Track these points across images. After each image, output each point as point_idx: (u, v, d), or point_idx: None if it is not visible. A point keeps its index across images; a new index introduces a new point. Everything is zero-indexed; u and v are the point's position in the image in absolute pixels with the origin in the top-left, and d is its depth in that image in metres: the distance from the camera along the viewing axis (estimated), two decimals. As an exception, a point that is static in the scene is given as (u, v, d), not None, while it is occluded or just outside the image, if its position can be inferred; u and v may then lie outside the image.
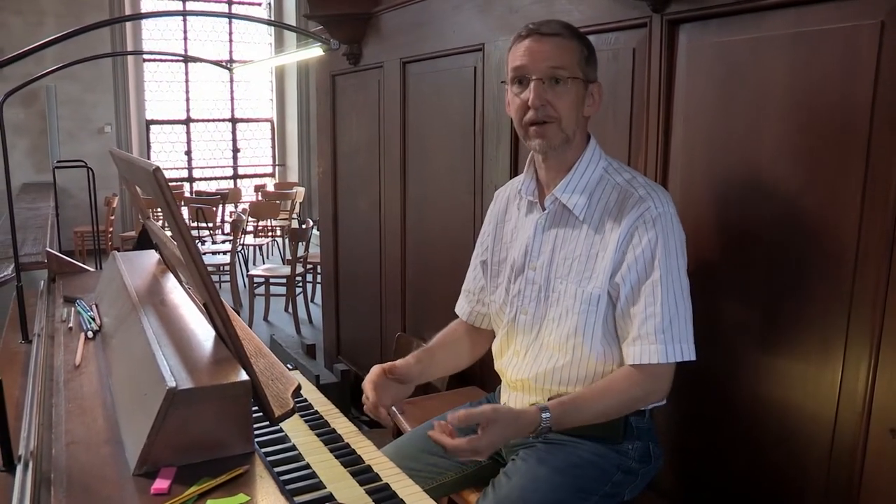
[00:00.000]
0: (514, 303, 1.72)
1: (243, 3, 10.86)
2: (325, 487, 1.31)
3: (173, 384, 1.13)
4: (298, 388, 1.34)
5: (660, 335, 1.50)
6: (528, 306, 1.68)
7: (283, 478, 1.31)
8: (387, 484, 1.37)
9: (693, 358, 1.53)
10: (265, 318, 6.18)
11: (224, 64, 7.00)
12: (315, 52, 3.51)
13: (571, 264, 1.61)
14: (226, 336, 1.29)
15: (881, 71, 1.43)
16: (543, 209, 1.68)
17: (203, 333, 1.44)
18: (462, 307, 1.96)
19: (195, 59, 10.34)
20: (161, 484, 1.08)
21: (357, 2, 3.34)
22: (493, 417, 1.43)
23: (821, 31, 1.53)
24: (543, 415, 1.46)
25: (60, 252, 2.70)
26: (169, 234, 1.85)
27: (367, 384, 1.66)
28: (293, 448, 1.47)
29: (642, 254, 1.51)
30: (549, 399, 1.54)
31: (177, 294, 1.76)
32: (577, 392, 1.56)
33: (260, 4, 10.91)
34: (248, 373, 1.21)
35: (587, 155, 1.63)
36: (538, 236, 1.67)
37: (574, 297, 1.59)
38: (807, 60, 1.56)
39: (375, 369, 1.69)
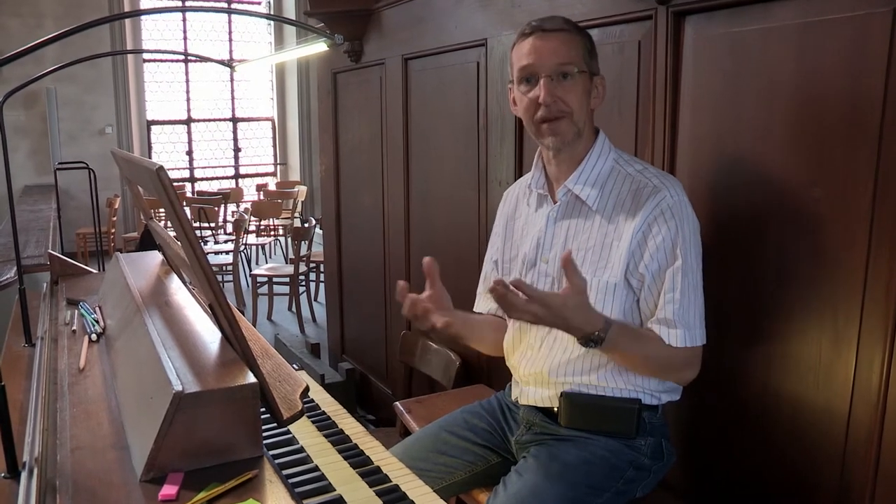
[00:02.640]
0: None
1: (243, 2, 10.84)
2: (335, 490, 1.29)
3: (180, 388, 1.11)
4: (306, 389, 1.33)
5: (679, 320, 1.53)
6: None
7: (291, 481, 1.29)
8: (396, 485, 1.35)
9: (704, 342, 1.58)
10: (269, 318, 6.18)
11: (226, 62, 6.97)
12: (319, 47, 3.48)
13: (585, 255, 1.61)
14: (232, 337, 1.28)
15: (893, 60, 1.41)
16: (555, 202, 1.68)
17: (209, 335, 1.42)
18: (480, 305, 1.92)
19: (196, 58, 10.32)
20: (169, 490, 1.07)
21: (358, -2, 3.32)
22: (570, 301, 1.40)
23: (830, 20, 1.51)
24: (605, 326, 1.45)
25: (63, 254, 2.69)
26: (172, 234, 1.83)
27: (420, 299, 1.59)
28: (301, 450, 1.45)
29: (663, 243, 1.53)
30: (561, 390, 1.55)
31: (181, 295, 1.75)
32: (636, 328, 1.58)
33: (259, 3, 10.89)
34: (255, 375, 1.19)
35: (597, 147, 1.64)
36: (550, 228, 1.67)
37: (589, 287, 1.58)
38: (816, 50, 1.54)
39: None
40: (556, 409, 1.66)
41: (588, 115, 1.63)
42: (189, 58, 10.37)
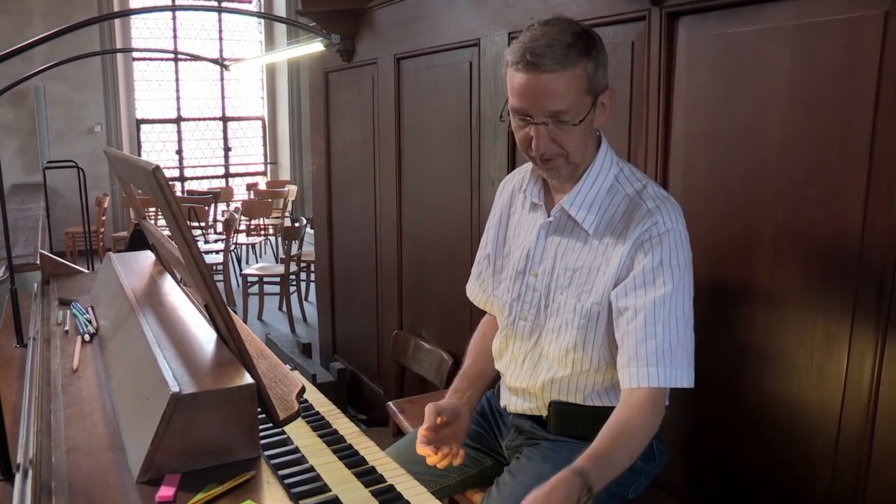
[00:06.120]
0: (513, 307, 1.65)
1: (234, 1, 10.79)
2: (331, 490, 1.29)
3: (177, 389, 1.11)
4: (302, 389, 1.32)
5: (659, 357, 1.40)
6: (528, 313, 1.62)
7: (287, 481, 1.28)
8: (392, 485, 1.35)
9: (691, 385, 1.44)
10: (259, 318, 6.16)
11: (219, 61, 6.94)
12: (315, 47, 3.46)
13: (572, 276, 1.54)
14: (228, 338, 1.27)
15: (885, 62, 1.42)
16: (549, 214, 1.59)
17: (204, 335, 1.42)
18: (476, 294, 1.85)
19: (190, 57, 10.26)
20: (166, 491, 1.07)
21: (350, -3, 3.31)
22: None
23: (824, 21, 1.52)
24: (583, 479, 1.29)
25: (52, 253, 2.67)
26: (167, 233, 1.83)
27: (424, 441, 1.54)
28: (297, 451, 1.45)
29: (643, 271, 1.43)
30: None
31: (175, 295, 1.74)
32: (603, 441, 1.38)
33: (250, 2, 10.84)
34: (252, 375, 1.19)
35: (598, 162, 1.54)
36: (540, 242, 1.60)
37: (573, 311, 1.53)
38: (810, 51, 1.55)
39: (424, 431, 1.55)
40: (544, 416, 1.65)
41: (589, 144, 1.52)
42: (179, 56, 10.31)
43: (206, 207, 7.86)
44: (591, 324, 1.51)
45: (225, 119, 11.03)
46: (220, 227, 8.17)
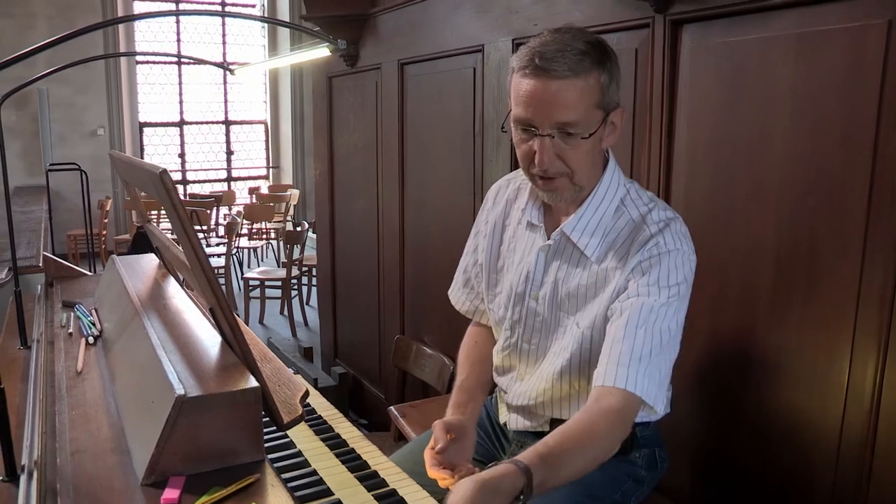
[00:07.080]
0: (515, 329, 1.61)
1: (237, 5, 10.83)
2: (334, 494, 1.30)
3: (182, 392, 1.11)
4: (306, 393, 1.33)
5: (634, 360, 1.31)
6: (532, 336, 1.58)
7: (290, 485, 1.29)
8: (394, 490, 1.36)
9: (660, 410, 1.36)
10: (261, 322, 6.17)
11: (225, 65, 6.96)
12: (321, 52, 3.47)
13: (577, 301, 1.48)
14: (233, 341, 1.28)
15: (888, 70, 1.43)
16: (549, 235, 1.52)
17: (209, 339, 1.43)
18: (462, 302, 1.80)
19: (194, 61, 10.28)
20: (171, 494, 1.07)
21: (354, 3, 3.32)
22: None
23: (827, 31, 1.53)
24: (527, 479, 1.18)
25: (54, 255, 2.68)
26: (171, 236, 1.83)
27: (435, 463, 1.40)
28: (299, 454, 1.45)
29: (637, 286, 1.38)
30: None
31: (179, 298, 1.74)
32: (563, 444, 1.26)
33: (254, 6, 10.88)
34: (256, 379, 1.19)
35: (604, 183, 1.46)
36: (540, 265, 1.53)
37: (572, 335, 1.49)
38: (813, 60, 1.56)
39: (432, 451, 1.42)
40: (547, 432, 1.64)
41: (595, 164, 1.43)
42: (182, 60, 10.34)
43: (209, 211, 7.88)
44: (585, 346, 1.47)
45: (227, 123, 11.05)
46: (221, 231, 8.18)
